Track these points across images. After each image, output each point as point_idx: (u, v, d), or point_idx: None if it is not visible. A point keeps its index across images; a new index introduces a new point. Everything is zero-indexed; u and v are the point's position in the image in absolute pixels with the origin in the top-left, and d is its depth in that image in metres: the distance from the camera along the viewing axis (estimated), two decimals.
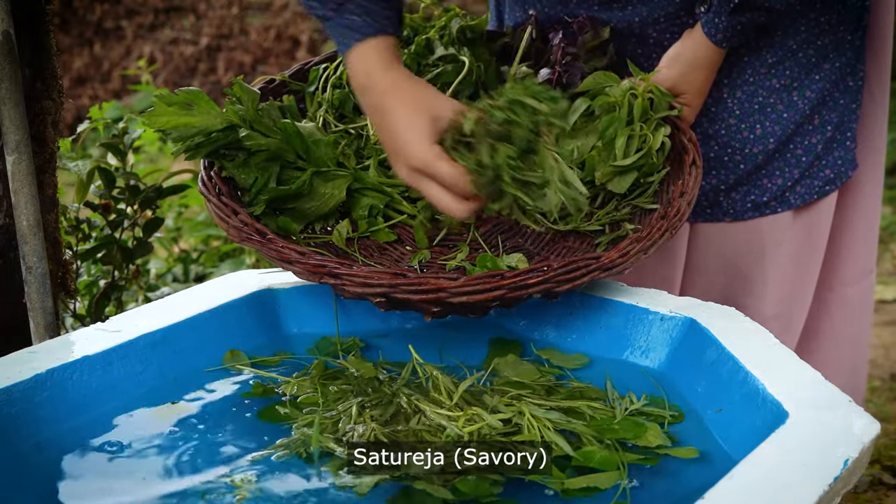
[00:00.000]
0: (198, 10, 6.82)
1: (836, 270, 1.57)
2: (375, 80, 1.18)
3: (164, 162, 3.76)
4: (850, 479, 0.85)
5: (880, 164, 1.55)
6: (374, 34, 1.18)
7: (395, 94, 1.16)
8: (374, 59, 1.18)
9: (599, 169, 1.30)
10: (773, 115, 1.41)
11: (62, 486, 0.95)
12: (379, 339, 1.24)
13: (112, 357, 1.11)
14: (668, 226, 1.20)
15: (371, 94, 1.18)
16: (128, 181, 1.76)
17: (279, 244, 1.19)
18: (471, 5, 5.72)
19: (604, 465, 0.94)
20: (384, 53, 1.19)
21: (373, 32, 1.18)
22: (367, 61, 1.18)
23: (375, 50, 1.18)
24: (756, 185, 1.44)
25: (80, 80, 6.47)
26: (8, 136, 1.31)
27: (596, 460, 0.95)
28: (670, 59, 1.36)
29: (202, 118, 1.24)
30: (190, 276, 2.46)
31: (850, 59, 1.43)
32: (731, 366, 1.05)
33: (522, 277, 1.12)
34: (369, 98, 1.18)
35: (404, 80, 1.18)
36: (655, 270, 1.51)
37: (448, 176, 1.10)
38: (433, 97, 1.17)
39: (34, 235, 1.34)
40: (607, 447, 0.97)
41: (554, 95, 1.08)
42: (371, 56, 1.18)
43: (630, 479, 0.93)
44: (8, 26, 1.29)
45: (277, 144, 1.27)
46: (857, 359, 1.64)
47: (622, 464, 0.94)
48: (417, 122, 1.13)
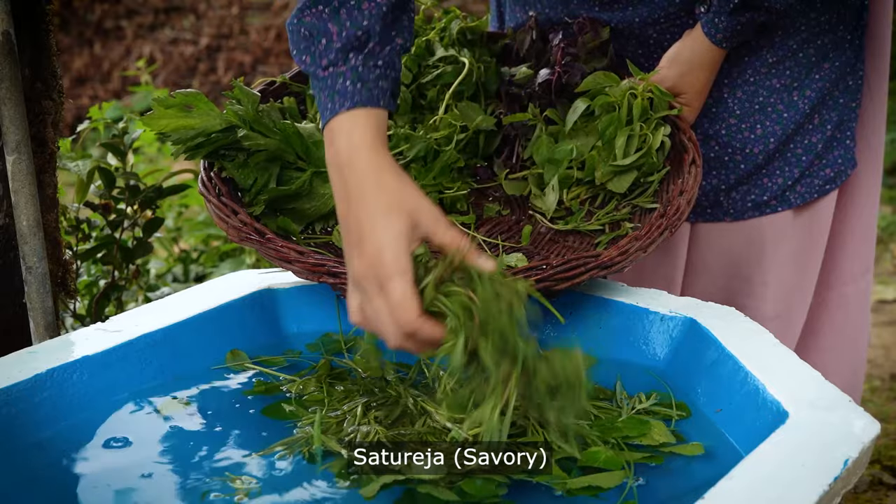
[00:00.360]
0: (198, 10, 6.82)
1: (835, 269, 1.57)
2: (357, 160, 1.01)
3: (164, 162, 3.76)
4: (850, 479, 0.85)
5: (879, 162, 1.55)
6: (364, 104, 1.04)
7: (377, 184, 0.99)
8: (360, 134, 1.03)
9: (599, 168, 1.30)
10: (773, 114, 1.41)
11: (62, 486, 0.95)
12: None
13: (112, 357, 1.11)
14: (667, 224, 1.20)
15: (349, 174, 1.01)
16: (128, 181, 1.76)
17: (278, 244, 1.19)
18: (471, 6, 5.72)
19: (609, 465, 0.94)
20: (372, 130, 1.04)
21: (363, 102, 1.04)
22: (352, 134, 1.03)
23: (364, 123, 1.04)
24: (756, 185, 1.44)
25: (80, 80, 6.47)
26: (8, 136, 1.31)
27: (601, 460, 0.95)
28: (670, 59, 1.36)
29: (201, 119, 1.24)
30: (190, 276, 2.45)
31: (850, 59, 1.43)
32: (731, 366, 1.05)
33: (521, 276, 1.12)
34: (345, 177, 1.01)
35: (389, 169, 1.01)
36: (656, 270, 1.51)
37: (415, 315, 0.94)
38: (417, 199, 1.00)
39: (34, 235, 1.34)
40: (613, 446, 0.97)
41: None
42: (357, 129, 1.03)
43: (636, 477, 0.93)
44: (8, 26, 1.29)
45: (277, 145, 1.27)
46: (856, 358, 1.64)
47: (627, 463, 0.94)
48: (396, 225, 0.96)
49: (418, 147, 1.36)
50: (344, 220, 1.01)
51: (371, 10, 1.06)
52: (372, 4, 1.06)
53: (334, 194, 1.03)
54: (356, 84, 1.04)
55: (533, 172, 1.37)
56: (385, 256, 0.95)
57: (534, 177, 1.37)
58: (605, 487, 0.91)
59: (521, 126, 1.40)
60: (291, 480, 0.94)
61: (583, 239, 1.31)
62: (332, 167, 1.03)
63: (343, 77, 1.05)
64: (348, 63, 1.05)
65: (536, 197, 1.37)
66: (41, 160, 1.41)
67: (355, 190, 1.00)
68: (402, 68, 1.13)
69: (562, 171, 1.33)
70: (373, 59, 1.06)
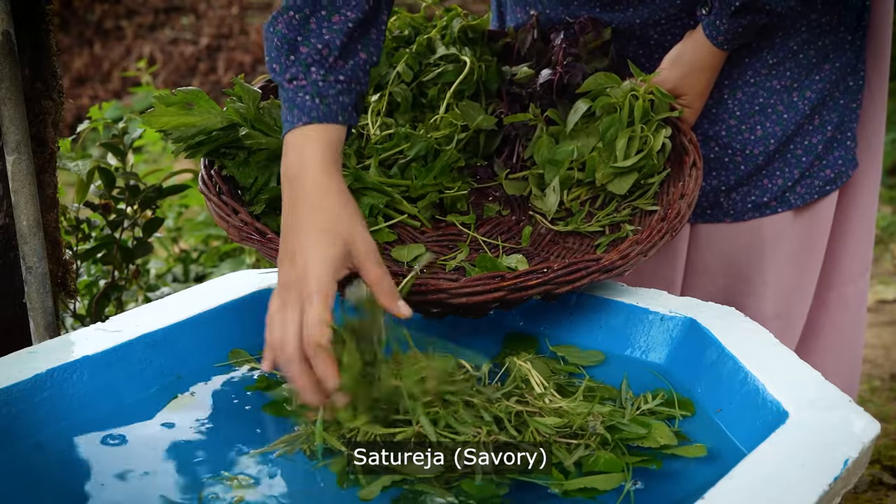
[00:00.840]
0: (198, 10, 6.82)
1: (835, 269, 1.57)
2: (305, 177, 1.03)
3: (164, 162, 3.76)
4: (850, 479, 0.85)
5: (879, 162, 1.55)
6: (320, 120, 1.04)
7: (319, 204, 1.01)
8: (311, 151, 1.04)
9: (600, 170, 1.30)
10: (773, 115, 1.41)
11: (62, 486, 0.95)
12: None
13: (112, 357, 1.11)
14: (668, 228, 1.20)
15: (296, 187, 1.03)
16: (128, 181, 1.76)
17: (278, 244, 1.19)
18: (472, 5, 5.72)
19: (608, 468, 0.94)
20: (324, 147, 1.04)
21: (319, 118, 1.04)
22: (304, 151, 1.04)
23: (316, 139, 1.04)
24: (756, 186, 1.44)
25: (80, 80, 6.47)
26: (8, 136, 1.31)
27: (601, 463, 0.94)
28: (671, 60, 1.36)
29: (202, 117, 1.24)
30: (190, 276, 2.45)
31: (851, 60, 1.43)
32: (731, 366, 1.05)
33: (522, 279, 1.12)
34: (293, 190, 1.04)
35: (335, 192, 1.02)
36: (656, 271, 1.51)
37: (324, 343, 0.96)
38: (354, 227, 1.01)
39: (34, 235, 1.34)
40: (614, 448, 0.97)
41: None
42: (309, 145, 1.04)
43: (634, 480, 0.92)
44: (8, 26, 1.29)
45: (278, 143, 1.27)
46: (855, 358, 1.64)
47: (626, 465, 0.94)
48: (328, 248, 0.98)
49: (419, 146, 1.36)
50: (284, 229, 1.03)
51: (339, 23, 1.07)
52: (341, 17, 1.07)
53: (282, 203, 1.06)
54: (315, 99, 1.05)
55: (533, 173, 1.37)
56: (310, 274, 0.98)
57: (534, 177, 1.37)
58: (601, 490, 0.91)
59: (521, 126, 1.40)
60: (292, 479, 0.94)
61: (583, 240, 1.30)
62: (283, 178, 1.06)
63: (304, 91, 1.06)
64: (309, 77, 1.06)
65: (537, 197, 1.37)
66: (41, 160, 1.41)
67: (298, 205, 1.03)
68: (368, 82, 1.14)
69: (562, 172, 1.33)
70: (333, 74, 1.06)
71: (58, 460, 0.99)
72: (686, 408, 1.05)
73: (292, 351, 0.97)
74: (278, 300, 1.01)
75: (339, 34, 1.08)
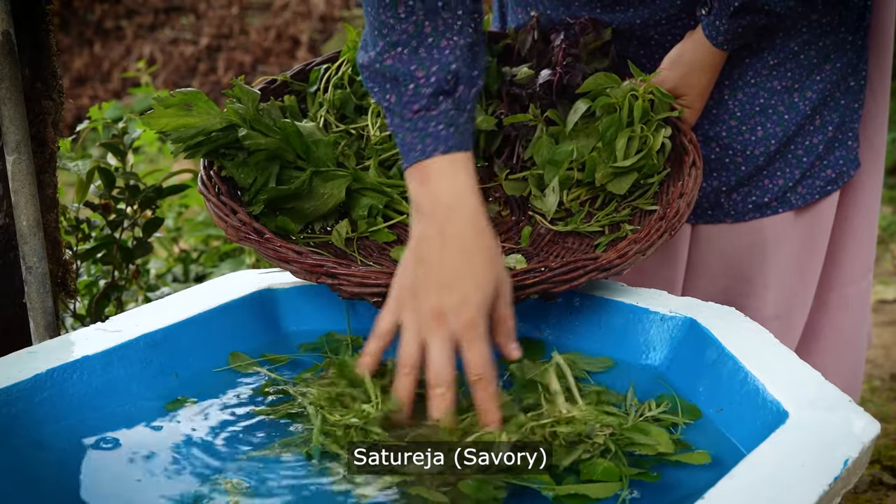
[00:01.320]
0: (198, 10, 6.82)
1: (836, 270, 1.57)
2: (463, 208, 1.02)
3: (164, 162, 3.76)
4: (850, 479, 0.85)
5: (880, 162, 1.55)
6: (458, 148, 1.04)
7: (480, 244, 1.02)
8: (464, 179, 1.03)
9: (600, 170, 1.30)
10: (774, 116, 1.41)
11: (62, 486, 0.95)
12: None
13: (112, 357, 1.11)
14: (666, 227, 1.20)
15: (452, 216, 1.02)
16: (128, 181, 1.76)
17: (277, 243, 1.19)
18: None
19: (606, 476, 0.93)
20: (472, 176, 1.04)
21: (457, 146, 1.04)
22: (456, 178, 1.03)
23: (464, 167, 1.04)
24: (757, 186, 1.44)
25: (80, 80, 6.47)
26: (8, 136, 1.31)
27: (598, 472, 0.93)
28: (672, 60, 1.36)
29: (201, 118, 1.24)
30: (190, 276, 2.45)
31: (852, 60, 1.43)
32: (731, 366, 1.05)
33: (520, 278, 1.12)
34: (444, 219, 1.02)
35: (490, 230, 1.03)
36: (656, 272, 1.51)
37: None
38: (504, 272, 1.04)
39: (34, 235, 1.34)
40: (613, 457, 0.95)
41: None
42: (460, 173, 1.04)
43: (631, 490, 0.92)
44: (8, 26, 1.29)
45: (277, 144, 1.27)
46: (856, 358, 1.64)
47: (622, 476, 0.93)
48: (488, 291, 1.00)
49: None
50: (432, 257, 1.02)
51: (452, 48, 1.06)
52: (451, 42, 1.05)
53: (420, 229, 1.04)
54: (449, 128, 1.05)
55: (533, 173, 1.37)
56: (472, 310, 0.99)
57: (534, 177, 1.37)
58: (592, 497, 0.90)
59: (521, 126, 1.40)
60: (290, 481, 0.94)
61: (582, 240, 1.30)
62: (428, 206, 1.03)
63: (435, 121, 1.05)
64: (439, 107, 1.05)
65: (536, 198, 1.37)
66: (41, 160, 1.41)
67: (457, 235, 1.02)
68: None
69: (562, 172, 1.33)
70: (462, 103, 1.06)
71: (57, 460, 0.99)
72: (692, 414, 1.05)
73: (450, 379, 0.99)
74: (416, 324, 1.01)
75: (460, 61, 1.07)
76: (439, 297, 1.00)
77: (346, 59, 1.46)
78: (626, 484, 0.92)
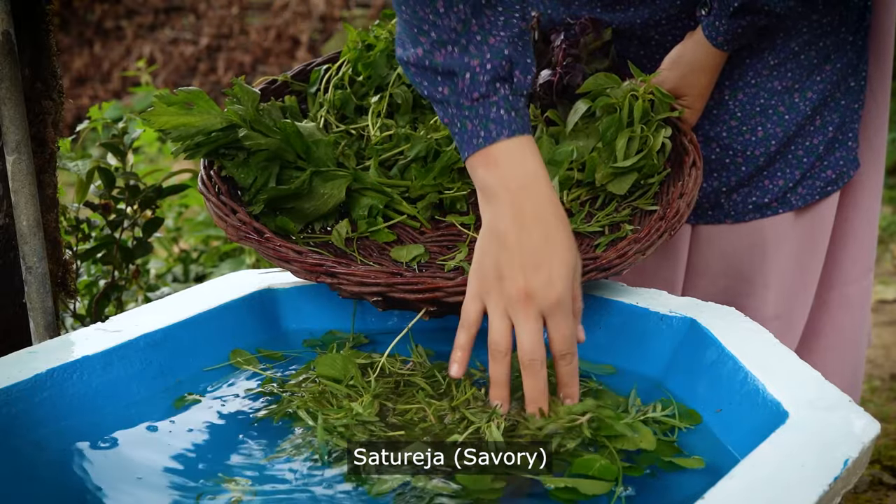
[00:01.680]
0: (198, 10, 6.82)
1: (836, 270, 1.57)
2: (538, 190, 1.02)
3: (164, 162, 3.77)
4: (850, 479, 0.85)
5: (880, 163, 1.55)
6: (521, 132, 1.04)
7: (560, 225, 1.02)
8: (534, 161, 1.03)
9: (600, 170, 1.30)
10: (774, 116, 1.41)
11: (62, 486, 0.95)
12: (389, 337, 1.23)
13: (112, 357, 1.11)
14: (666, 227, 1.20)
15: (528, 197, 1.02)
16: (128, 181, 1.76)
17: (276, 243, 1.19)
18: None
19: (602, 474, 0.92)
20: (539, 157, 1.05)
21: (520, 130, 1.04)
22: (525, 161, 1.03)
23: (532, 150, 1.04)
24: (757, 187, 1.44)
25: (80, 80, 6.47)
26: (8, 136, 1.31)
27: (594, 469, 0.93)
28: (672, 60, 1.36)
29: (202, 118, 1.24)
30: (190, 276, 2.46)
31: (852, 60, 1.43)
32: (731, 366, 1.05)
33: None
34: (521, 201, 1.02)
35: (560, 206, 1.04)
36: (657, 272, 1.51)
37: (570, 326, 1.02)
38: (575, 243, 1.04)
39: (34, 235, 1.34)
40: (607, 454, 0.96)
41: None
42: (529, 156, 1.04)
43: (625, 486, 0.91)
44: (8, 26, 1.29)
45: (277, 144, 1.27)
46: (856, 358, 1.64)
47: (619, 471, 0.93)
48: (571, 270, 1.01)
49: (419, 147, 1.36)
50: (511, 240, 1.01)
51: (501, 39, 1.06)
52: (499, 38, 1.06)
53: (493, 214, 1.03)
54: (510, 113, 1.05)
55: None
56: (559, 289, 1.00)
57: None
58: (583, 493, 0.90)
59: None
60: (292, 481, 0.94)
61: (582, 240, 1.30)
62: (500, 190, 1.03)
63: (496, 106, 1.05)
64: (498, 93, 1.05)
65: None
66: (41, 160, 1.41)
67: (535, 216, 1.02)
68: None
69: (562, 173, 1.33)
70: (519, 88, 1.06)
71: (57, 460, 0.99)
72: (691, 419, 1.04)
73: (544, 357, 1.00)
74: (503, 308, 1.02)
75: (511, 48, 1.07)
76: (526, 278, 1.00)
77: (347, 59, 1.46)
78: (621, 479, 0.92)
